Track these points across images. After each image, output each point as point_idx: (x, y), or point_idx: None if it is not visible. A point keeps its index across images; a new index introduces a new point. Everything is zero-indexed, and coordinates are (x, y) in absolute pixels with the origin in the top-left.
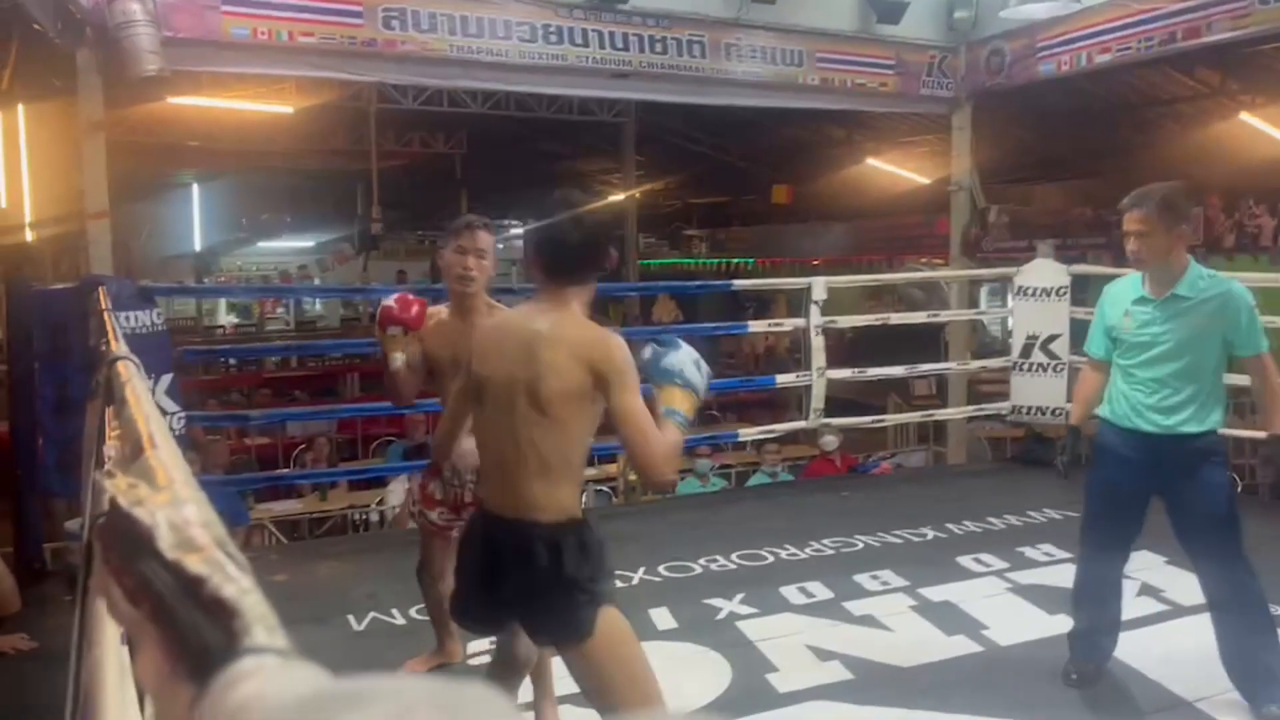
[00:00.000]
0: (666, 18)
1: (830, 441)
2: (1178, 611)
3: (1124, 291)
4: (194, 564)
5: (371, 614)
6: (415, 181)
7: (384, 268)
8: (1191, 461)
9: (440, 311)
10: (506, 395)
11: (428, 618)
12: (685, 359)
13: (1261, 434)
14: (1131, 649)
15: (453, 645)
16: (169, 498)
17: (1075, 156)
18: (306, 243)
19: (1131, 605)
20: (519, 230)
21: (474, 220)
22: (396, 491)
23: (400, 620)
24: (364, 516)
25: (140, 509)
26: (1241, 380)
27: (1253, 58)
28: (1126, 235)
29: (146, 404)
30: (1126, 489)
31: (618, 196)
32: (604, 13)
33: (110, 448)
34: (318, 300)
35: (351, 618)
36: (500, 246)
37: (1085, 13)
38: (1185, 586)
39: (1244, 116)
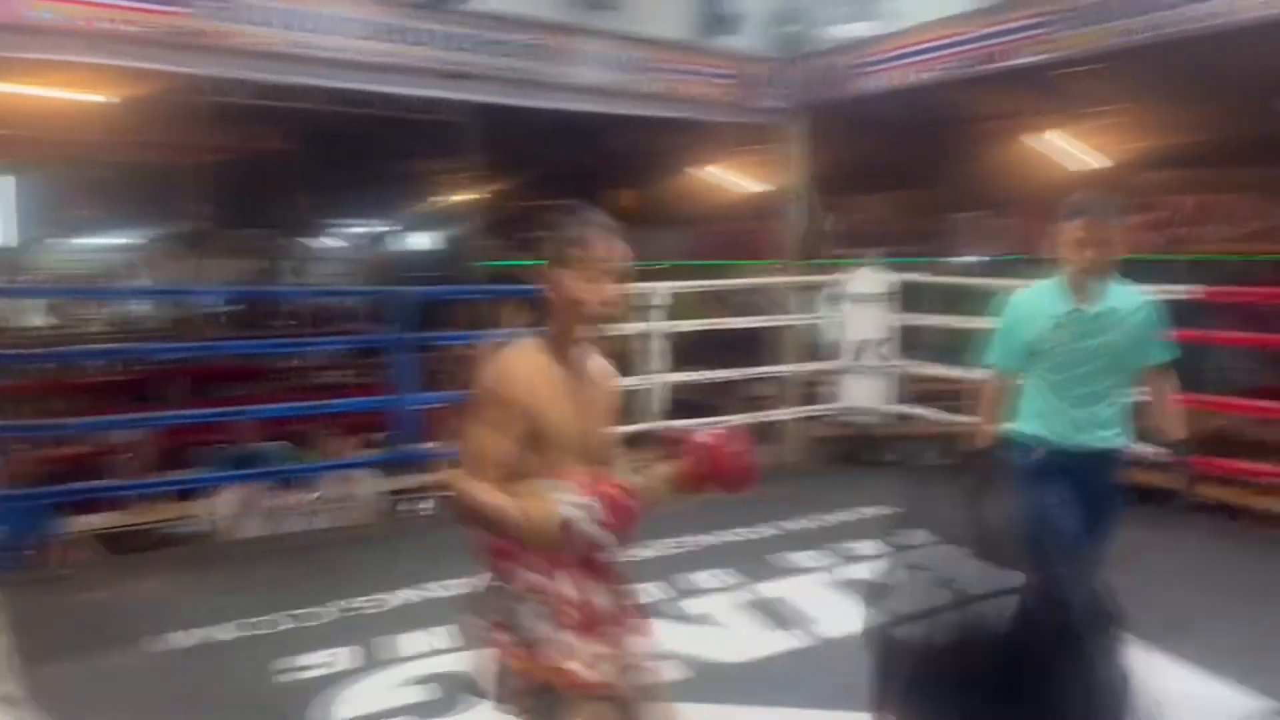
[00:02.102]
0: (506, 20)
1: None
2: (968, 601)
3: (1042, 304)
4: None
5: (199, 629)
6: (250, 177)
7: (217, 267)
8: (1115, 473)
9: (530, 354)
10: None
11: (258, 632)
12: None
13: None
14: None
15: None
16: None
17: (904, 168)
18: (133, 239)
19: (929, 595)
20: (358, 229)
21: (601, 225)
22: (228, 501)
23: (229, 635)
24: (192, 529)
25: None
26: None
27: (1058, 80)
28: (1081, 244)
29: None
30: (1066, 506)
31: (459, 197)
32: (441, 13)
33: None
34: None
35: (180, 634)
36: (339, 246)
37: (908, 32)
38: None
39: (1049, 135)
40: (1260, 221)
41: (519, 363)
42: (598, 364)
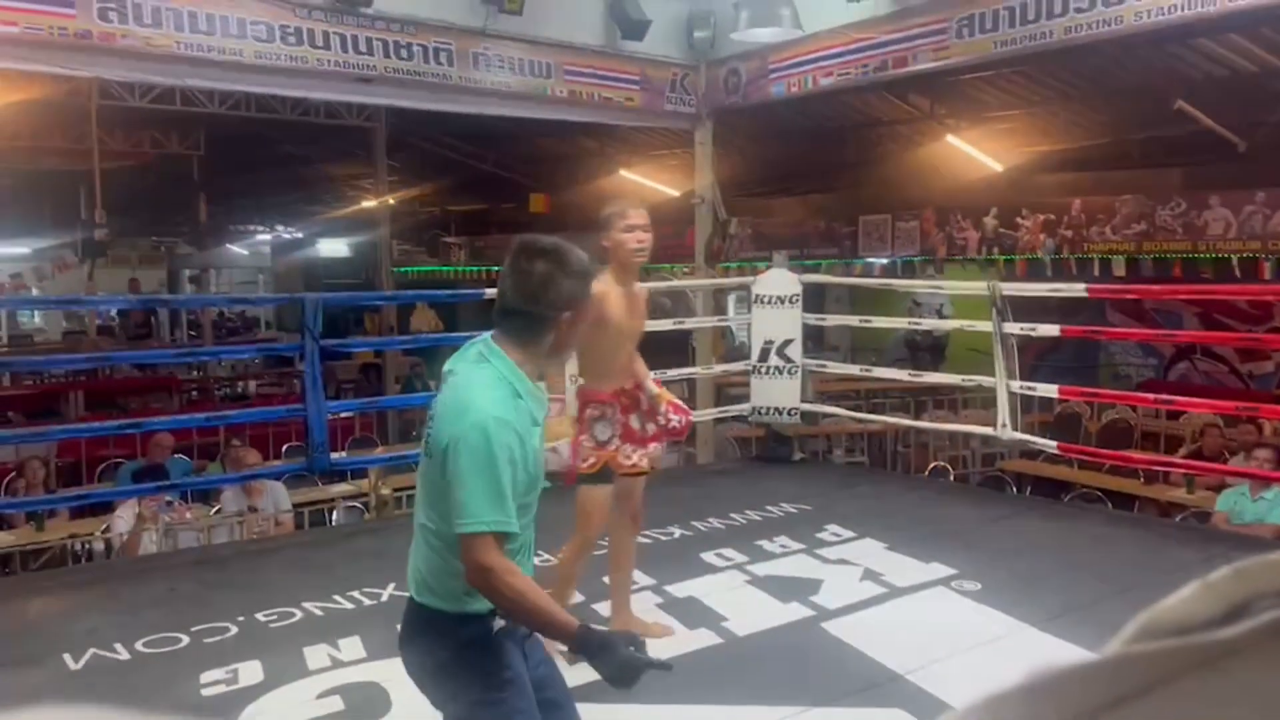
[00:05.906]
0: (411, 24)
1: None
2: (895, 593)
3: (522, 409)
4: None
5: (91, 650)
6: (147, 184)
7: (113, 277)
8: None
9: (604, 282)
10: None
11: (155, 650)
12: None
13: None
14: (855, 630)
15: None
16: None
17: (810, 172)
18: (21, 249)
19: (854, 589)
20: (266, 236)
21: (629, 202)
22: (124, 517)
23: (124, 655)
24: (87, 546)
25: None
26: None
27: (955, 86)
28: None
29: None
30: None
31: (370, 203)
32: (345, 15)
33: None
34: (36, 312)
35: (68, 656)
36: (245, 253)
37: (810, 39)
38: (901, 570)
39: (950, 139)
40: (1144, 223)
41: (599, 285)
42: (641, 288)
